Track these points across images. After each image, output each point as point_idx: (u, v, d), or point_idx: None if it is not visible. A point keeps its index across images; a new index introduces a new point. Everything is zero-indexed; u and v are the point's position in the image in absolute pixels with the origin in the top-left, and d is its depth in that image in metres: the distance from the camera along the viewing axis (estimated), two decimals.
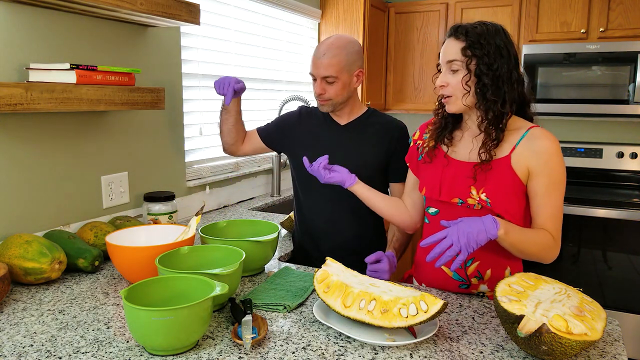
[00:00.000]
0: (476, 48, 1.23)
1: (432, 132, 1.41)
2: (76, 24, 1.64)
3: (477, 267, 1.34)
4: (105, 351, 1.02)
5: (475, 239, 1.14)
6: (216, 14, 2.36)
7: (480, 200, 1.27)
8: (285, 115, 1.87)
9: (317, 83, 1.66)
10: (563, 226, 1.31)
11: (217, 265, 1.31)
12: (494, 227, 1.15)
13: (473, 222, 1.16)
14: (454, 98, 1.29)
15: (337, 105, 1.69)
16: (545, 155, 1.24)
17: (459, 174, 1.32)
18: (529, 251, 1.24)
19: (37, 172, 1.57)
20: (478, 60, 1.23)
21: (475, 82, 1.25)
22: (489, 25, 1.26)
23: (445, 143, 1.38)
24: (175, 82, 2.09)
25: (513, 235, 1.19)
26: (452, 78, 1.27)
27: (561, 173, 1.26)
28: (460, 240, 1.13)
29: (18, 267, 1.33)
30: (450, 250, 1.14)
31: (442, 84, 1.29)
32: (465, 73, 1.25)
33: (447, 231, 1.16)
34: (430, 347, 1.05)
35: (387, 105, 3.58)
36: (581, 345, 0.93)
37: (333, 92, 1.65)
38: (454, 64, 1.26)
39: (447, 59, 1.27)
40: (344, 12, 3.18)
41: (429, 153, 1.40)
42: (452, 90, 1.28)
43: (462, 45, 1.25)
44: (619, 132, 3.26)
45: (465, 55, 1.24)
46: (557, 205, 1.27)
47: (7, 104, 1.27)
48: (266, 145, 1.86)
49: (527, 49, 3.02)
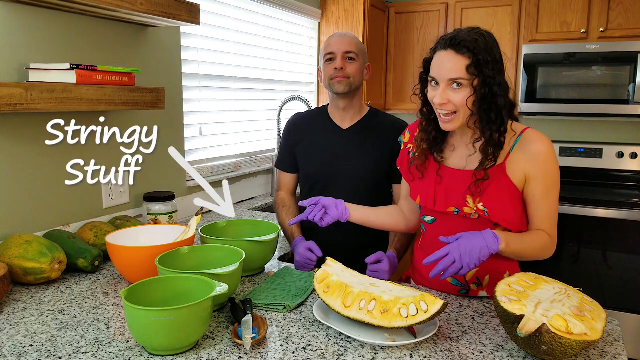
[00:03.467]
0: (482, 66, 1.15)
1: (423, 148, 1.34)
2: (76, 24, 1.64)
3: (476, 274, 1.34)
4: (105, 351, 1.02)
5: (478, 256, 1.14)
6: (216, 14, 2.36)
7: (477, 209, 1.26)
8: (284, 135, 1.86)
9: (337, 59, 1.66)
10: (563, 226, 1.32)
11: (217, 265, 1.31)
12: (496, 243, 1.15)
13: (474, 237, 1.16)
14: (456, 117, 1.20)
15: (353, 86, 1.68)
16: (541, 159, 1.22)
17: (454, 183, 1.30)
18: (528, 255, 1.26)
19: (37, 172, 1.57)
20: (484, 79, 1.16)
21: (480, 102, 1.17)
22: (487, 37, 1.19)
23: (437, 159, 1.33)
24: (175, 82, 2.09)
25: (513, 246, 1.19)
26: (455, 95, 1.18)
27: (557, 174, 1.26)
28: (463, 257, 1.13)
29: (18, 267, 1.33)
30: (452, 267, 1.14)
31: (443, 102, 1.19)
32: (470, 92, 1.17)
33: (449, 248, 1.15)
34: (430, 347, 1.05)
35: (387, 105, 3.58)
36: (581, 345, 0.93)
37: (352, 70, 1.66)
38: (457, 81, 1.17)
39: (450, 77, 1.17)
40: (344, 12, 3.18)
41: (419, 167, 1.35)
42: (453, 108, 1.19)
43: (467, 62, 1.16)
44: (619, 132, 3.25)
45: (471, 74, 1.16)
46: (554, 205, 1.27)
47: (7, 104, 1.27)
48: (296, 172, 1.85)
49: (527, 49, 3.02)
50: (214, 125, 2.44)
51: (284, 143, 1.85)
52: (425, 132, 1.33)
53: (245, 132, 2.69)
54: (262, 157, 2.78)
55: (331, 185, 1.73)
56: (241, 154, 2.64)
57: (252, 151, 2.73)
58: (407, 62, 3.50)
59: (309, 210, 1.44)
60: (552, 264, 2.80)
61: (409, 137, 1.46)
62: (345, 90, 1.68)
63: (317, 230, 1.78)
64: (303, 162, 1.79)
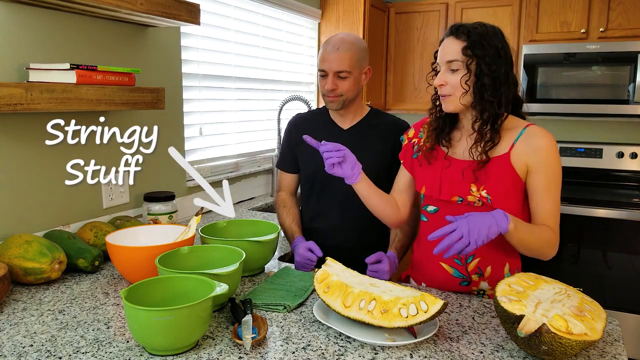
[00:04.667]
0: (477, 48, 1.24)
1: (430, 134, 1.40)
2: (76, 24, 1.64)
3: (478, 264, 1.34)
4: (105, 351, 1.02)
5: (487, 233, 1.13)
6: (216, 14, 2.36)
7: (480, 197, 1.28)
8: (285, 135, 1.86)
9: (328, 79, 1.63)
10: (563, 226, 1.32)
11: (217, 265, 1.31)
12: (505, 221, 1.15)
13: (483, 215, 1.16)
14: (452, 97, 1.29)
15: (347, 102, 1.67)
16: (544, 152, 1.26)
17: (458, 172, 1.33)
18: (534, 246, 1.25)
19: (37, 172, 1.57)
20: (478, 60, 1.24)
21: (474, 82, 1.26)
22: (488, 27, 1.28)
23: (445, 144, 1.38)
24: (175, 82, 2.09)
25: (521, 230, 1.19)
26: (452, 77, 1.28)
27: (559, 169, 1.29)
28: (471, 233, 1.12)
29: (18, 267, 1.33)
30: (459, 243, 1.12)
31: (441, 83, 1.29)
32: (465, 73, 1.26)
33: (457, 224, 1.15)
34: (430, 347, 1.05)
35: (387, 105, 3.58)
36: (581, 345, 0.93)
37: (345, 88, 1.63)
38: (454, 64, 1.27)
39: (447, 59, 1.27)
40: (344, 12, 3.18)
41: (427, 154, 1.39)
42: (450, 90, 1.28)
43: (463, 45, 1.25)
44: (619, 132, 3.25)
45: (465, 55, 1.25)
46: (556, 201, 1.29)
47: (7, 104, 1.27)
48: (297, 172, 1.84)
49: (527, 49, 3.02)
50: (214, 125, 2.44)
51: (285, 143, 1.85)
52: (435, 120, 1.39)
53: (245, 132, 2.69)
54: (262, 157, 2.78)
55: (332, 185, 1.73)
56: (241, 154, 2.64)
57: (252, 151, 2.73)
58: (407, 62, 3.50)
59: (330, 149, 1.34)
60: (552, 264, 2.79)
61: (413, 133, 1.49)
62: (338, 107, 1.68)
63: (317, 230, 1.78)
64: (304, 162, 1.79)
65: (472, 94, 1.27)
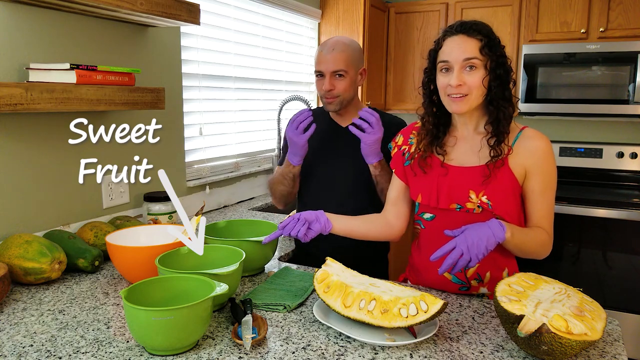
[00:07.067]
0: (492, 47, 1.23)
1: (424, 142, 1.36)
2: (76, 24, 1.64)
3: (477, 270, 1.34)
4: (105, 351, 1.02)
5: (485, 245, 1.14)
6: (216, 14, 2.36)
7: (480, 202, 1.27)
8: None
9: (325, 79, 1.66)
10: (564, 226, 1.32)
11: (217, 265, 1.31)
12: (502, 231, 1.16)
13: (479, 228, 1.16)
14: (469, 97, 1.25)
15: (345, 102, 1.69)
16: (541, 154, 1.26)
17: (458, 180, 1.31)
18: (530, 250, 1.26)
19: (37, 172, 1.57)
20: (497, 59, 1.23)
21: (490, 80, 1.24)
22: (486, 24, 1.27)
23: (439, 152, 1.35)
24: (175, 82, 2.09)
25: (517, 236, 1.20)
26: (469, 77, 1.23)
27: (554, 172, 1.29)
28: (470, 249, 1.13)
29: (18, 267, 1.33)
30: (461, 260, 1.14)
31: (459, 83, 1.23)
32: (484, 72, 1.23)
33: (456, 241, 1.15)
34: (430, 347, 1.05)
35: (387, 105, 3.58)
36: (581, 345, 0.93)
37: (342, 88, 1.65)
38: (474, 62, 1.23)
39: (465, 57, 1.23)
40: (344, 12, 3.18)
41: (421, 163, 1.36)
42: (468, 89, 1.24)
43: (480, 44, 1.23)
44: (619, 132, 3.25)
45: (483, 54, 1.23)
46: (551, 202, 1.30)
47: (7, 104, 1.27)
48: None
49: (527, 49, 3.02)
50: (214, 125, 2.44)
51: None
52: (427, 126, 1.37)
53: (245, 132, 2.69)
54: (262, 157, 2.78)
55: (331, 184, 1.73)
56: (241, 154, 2.64)
57: (252, 151, 2.73)
58: (407, 62, 3.50)
59: (291, 226, 1.35)
60: (552, 264, 2.80)
61: (402, 140, 1.47)
62: (337, 108, 1.70)
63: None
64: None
65: (487, 94, 1.26)
